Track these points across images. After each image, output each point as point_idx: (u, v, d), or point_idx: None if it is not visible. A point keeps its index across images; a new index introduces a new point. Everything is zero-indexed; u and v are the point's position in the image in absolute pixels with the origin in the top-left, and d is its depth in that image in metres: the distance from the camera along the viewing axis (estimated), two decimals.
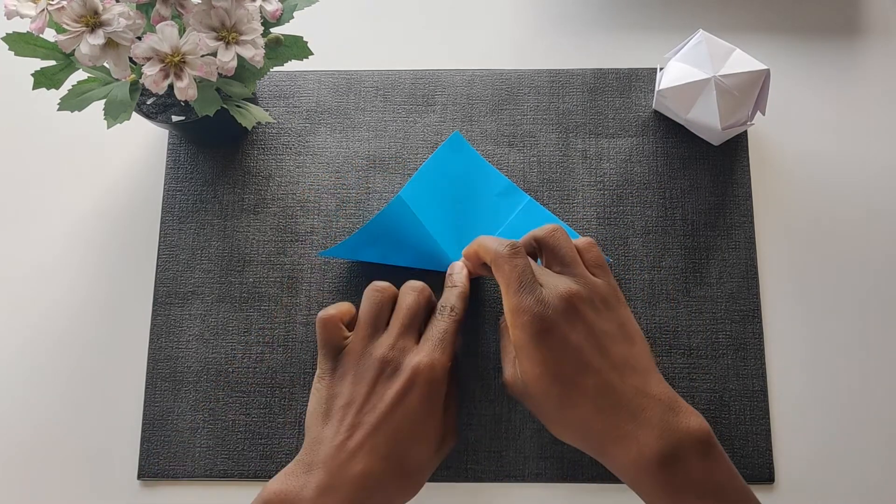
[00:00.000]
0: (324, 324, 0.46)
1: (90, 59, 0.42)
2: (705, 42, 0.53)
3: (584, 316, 0.43)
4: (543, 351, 0.43)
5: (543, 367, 0.43)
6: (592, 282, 0.45)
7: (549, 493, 0.51)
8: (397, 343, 0.45)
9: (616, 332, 0.45)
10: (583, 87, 0.58)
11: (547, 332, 0.43)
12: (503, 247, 0.45)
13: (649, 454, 0.41)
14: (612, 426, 0.43)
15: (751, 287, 0.54)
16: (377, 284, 0.47)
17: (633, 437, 0.42)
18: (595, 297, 0.45)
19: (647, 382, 0.44)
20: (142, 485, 0.52)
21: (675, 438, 0.42)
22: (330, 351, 0.46)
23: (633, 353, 0.44)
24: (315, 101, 0.58)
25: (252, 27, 0.44)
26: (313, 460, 0.43)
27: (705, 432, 0.42)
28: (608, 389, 0.43)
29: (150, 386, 0.53)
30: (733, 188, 0.56)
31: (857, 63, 0.59)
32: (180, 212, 0.56)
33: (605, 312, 0.45)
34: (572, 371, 0.43)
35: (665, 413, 0.42)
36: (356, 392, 0.44)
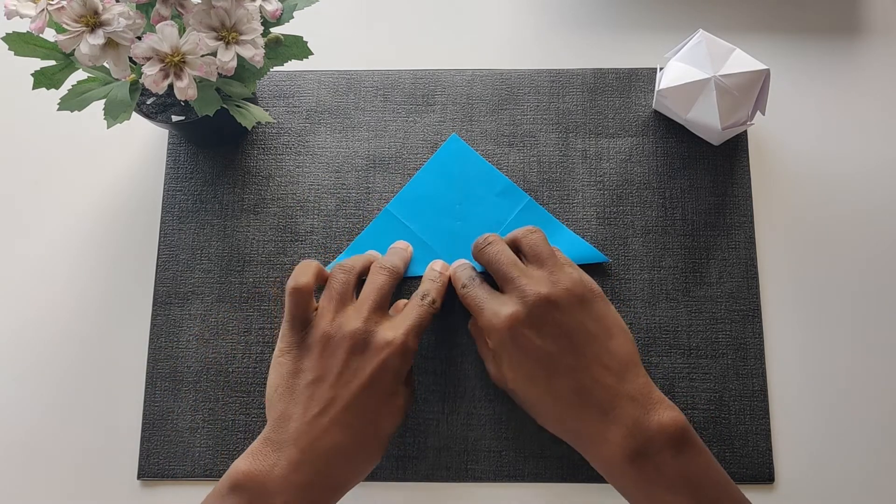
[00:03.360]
0: (296, 294, 0.46)
1: (90, 59, 0.42)
2: (705, 42, 0.53)
3: (553, 319, 0.45)
4: (514, 357, 0.45)
5: (517, 371, 0.46)
6: (566, 278, 0.46)
7: (549, 493, 0.51)
8: (369, 319, 0.46)
9: (592, 328, 0.45)
10: (583, 87, 0.58)
11: (515, 338, 0.45)
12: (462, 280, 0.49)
13: (620, 452, 0.43)
14: (584, 425, 0.44)
15: (751, 287, 0.54)
16: (345, 263, 0.49)
17: (603, 435, 0.43)
18: (569, 296, 0.45)
19: (621, 379, 0.44)
20: (142, 485, 0.52)
21: (646, 435, 0.42)
22: (298, 324, 0.46)
23: (608, 349, 0.45)
24: (315, 101, 0.58)
25: (252, 27, 0.44)
26: (282, 437, 0.43)
27: (679, 427, 0.43)
28: (578, 390, 0.44)
29: (150, 386, 0.53)
30: (733, 188, 0.56)
31: (857, 63, 0.59)
32: (180, 212, 0.56)
33: (580, 310, 0.46)
34: (544, 374, 0.45)
35: (636, 410, 0.43)
36: (327, 367, 0.44)
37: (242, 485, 0.41)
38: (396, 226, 0.55)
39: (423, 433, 0.52)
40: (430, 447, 0.52)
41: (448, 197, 0.55)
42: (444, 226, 0.55)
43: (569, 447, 0.51)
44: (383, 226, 0.55)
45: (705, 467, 0.43)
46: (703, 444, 0.44)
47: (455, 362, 0.53)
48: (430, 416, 0.52)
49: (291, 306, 0.46)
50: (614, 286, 0.54)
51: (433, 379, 0.53)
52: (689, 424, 0.43)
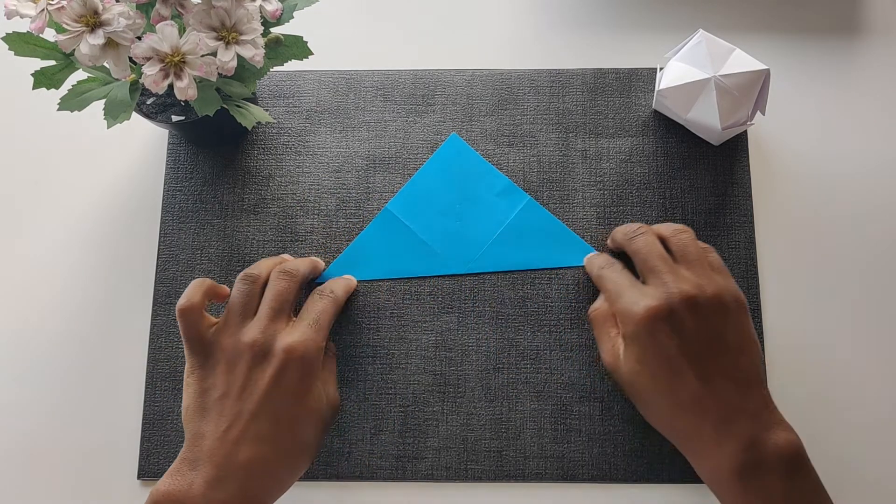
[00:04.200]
0: (186, 315, 0.45)
1: (90, 59, 0.42)
2: (705, 42, 0.52)
3: (694, 319, 0.44)
4: (646, 349, 0.45)
5: (642, 365, 0.45)
6: (713, 283, 0.45)
7: (549, 493, 0.51)
8: (267, 327, 0.45)
9: (729, 339, 0.45)
10: (583, 87, 0.58)
11: (652, 331, 0.44)
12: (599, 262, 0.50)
13: (730, 465, 0.42)
14: (698, 432, 0.43)
15: (751, 287, 0.54)
16: (247, 273, 0.48)
17: (716, 446, 0.43)
18: (714, 302, 0.45)
19: (744, 396, 0.44)
20: (142, 485, 0.52)
21: (759, 453, 0.42)
22: (195, 343, 0.45)
23: (738, 363, 0.44)
24: (315, 101, 0.58)
25: (252, 27, 0.44)
26: (198, 456, 0.42)
27: (794, 450, 0.42)
28: (700, 397, 0.43)
29: (150, 386, 0.53)
30: (733, 188, 0.56)
31: (857, 63, 0.59)
32: (180, 212, 0.56)
33: (721, 318, 0.45)
34: (669, 373, 0.44)
35: (754, 426, 0.43)
36: (231, 381, 0.44)
37: None
38: (396, 225, 0.55)
39: (423, 433, 0.52)
40: (430, 447, 0.52)
41: (448, 196, 0.55)
42: (443, 225, 0.55)
43: (569, 447, 0.51)
44: (383, 225, 0.55)
45: (813, 495, 0.42)
46: (814, 470, 0.43)
47: (455, 362, 0.53)
48: (430, 416, 0.52)
49: (182, 327, 0.45)
50: None
51: (433, 379, 0.53)
52: (803, 448, 0.43)
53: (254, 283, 0.47)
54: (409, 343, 0.53)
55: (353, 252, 0.55)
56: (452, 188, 0.56)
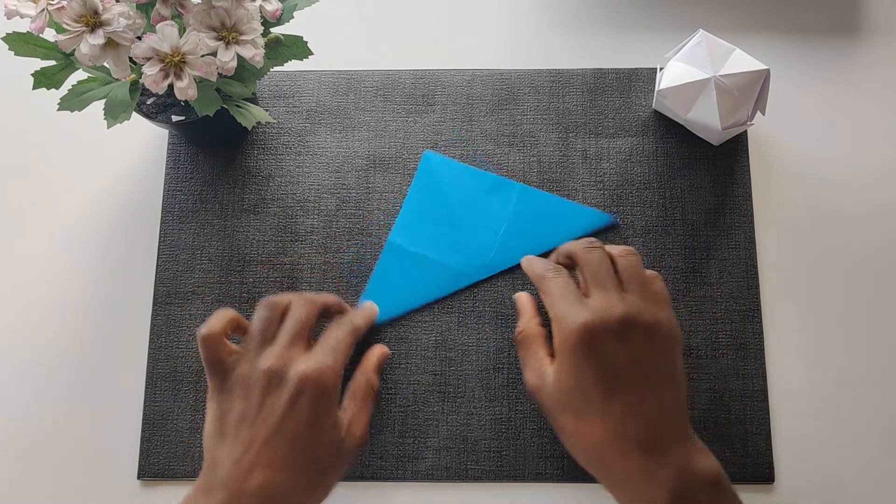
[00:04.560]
0: (206, 342, 0.45)
1: (90, 59, 0.42)
2: (705, 42, 0.53)
3: (631, 341, 0.44)
4: (581, 366, 0.43)
5: (576, 379, 0.43)
6: (653, 311, 0.45)
7: (549, 493, 0.51)
8: (284, 354, 0.45)
9: (662, 368, 0.44)
10: (583, 87, 0.58)
11: (589, 347, 0.43)
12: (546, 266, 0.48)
13: (660, 494, 0.41)
14: (625, 458, 0.42)
15: (751, 287, 0.54)
16: (269, 300, 0.47)
17: (648, 474, 0.42)
18: (653, 328, 0.44)
19: (672, 423, 0.43)
20: (142, 485, 0.52)
21: (689, 480, 0.42)
22: (216, 369, 0.45)
23: (671, 394, 0.44)
24: (315, 101, 0.58)
25: (252, 27, 0.44)
26: (212, 484, 0.42)
27: (718, 474, 0.43)
28: (631, 419, 0.43)
29: (150, 386, 0.53)
30: (733, 188, 0.56)
31: (857, 63, 0.59)
32: (180, 212, 0.56)
33: (657, 346, 0.44)
34: (602, 391, 0.43)
35: (684, 455, 0.43)
36: (247, 407, 0.44)
37: None
38: (404, 255, 0.54)
39: (423, 433, 0.52)
40: (430, 447, 0.52)
41: (443, 210, 0.55)
42: (448, 237, 0.54)
43: None
44: (392, 258, 0.54)
45: None
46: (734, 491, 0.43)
47: (455, 362, 0.53)
48: (430, 416, 0.52)
49: (203, 353, 0.46)
50: None
51: (433, 379, 0.53)
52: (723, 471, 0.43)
53: (273, 309, 0.47)
54: (410, 343, 0.53)
55: (371, 293, 0.54)
56: (445, 200, 0.55)
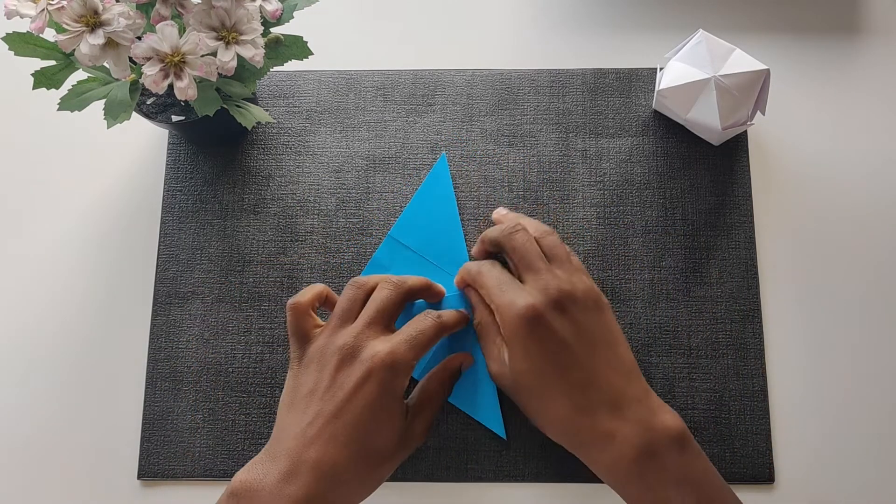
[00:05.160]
0: (293, 311, 0.47)
1: (90, 59, 0.42)
2: (705, 42, 0.53)
3: (571, 314, 0.46)
4: (530, 345, 0.45)
5: (530, 361, 0.45)
6: (583, 282, 0.47)
7: (549, 493, 0.51)
8: (361, 332, 0.46)
9: (604, 333, 0.46)
10: (583, 87, 0.58)
11: (535, 326, 0.45)
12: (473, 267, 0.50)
13: (628, 451, 0.43)
14: (591, 424, 0.44)
15: (751, 287, 0.54)
16: (356, 280, 0.49)
17: (611, 435, 0.44)
18: (586, 298, 0.47)
19: (628, 383, 0.45)
20: (142, 485, 0.52)
21: (652, 435, 0.43)
22: (299, 339, 0.47)
23: (617, 354, 0.46)
24: (315, 101, 0.58)
25: (252, 27, 0.44)
26: (277, 449, 0.44)
27: (681, 430, 0.44)
28: (589, 387, 0.45)
29: (150, 386, 0.53)
30: (733, 188, 0.56)
31: (857, 63, 0.59)
32: (180, 212, 0.56)
33: (594, 313, 0.47)
34: (557, 367, 0.45)
35: (643, 412, 0.44)
36: (318, 380, 0.45)
37: (238, 493, 0.42)
38: (400, 251, 0.54)
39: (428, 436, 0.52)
40: (430, 447, 0.52)
41: (445, 215, 0.55)
42: (446, 243, 0.54)
43: None
44: (388, 252, 0.54)
45: (705, 468, 0.44)
46: (699, 447, 0.45)
47: None
48: None
49: (289, 322, 0.47)
50: (614, 286, 0.54)
51: None
52: (686, 426, 0.45)
53: (359, 289, 0.48)
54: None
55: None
56: (450, 206, 0.55)
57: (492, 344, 0.48)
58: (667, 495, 0.43)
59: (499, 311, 0.47)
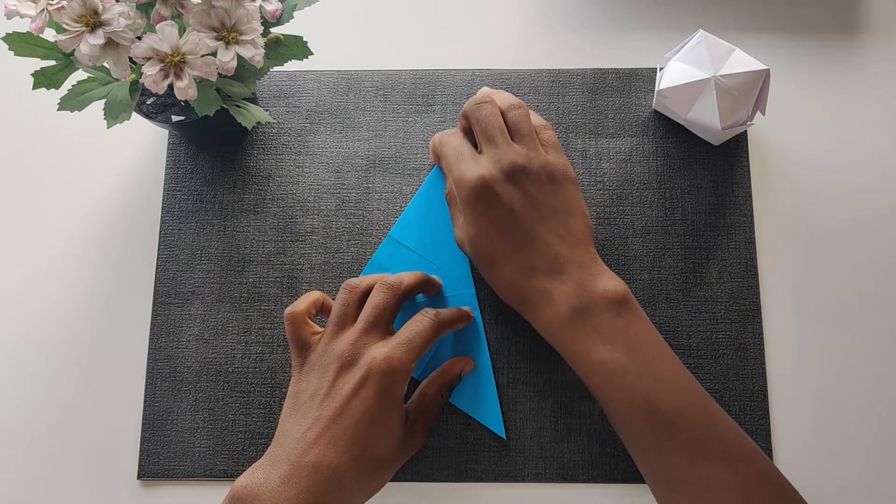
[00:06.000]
0: (290, 320, 0.48)
1: (90, 59, 0.42)
2: (705, 42, 0.53)
3: (522, 185, 0.47)
4: (479, 214, 0.47)
5: (478, 228, 0.48)
6: (541, 157, 0.48)
7: (549, 493, 0.51)
8: (359, 339, 0.46)
9: (556, 204, 0.48)
10: (583, 87, 0.58)
11: (484, 197, 0.47)
12: (437, 135, 0.52)
13: (562, 309, 0.45)
14: (532, 285, 0.47)
15: (751, 287, 0.54)
16: (349, 283, 0.49)
17: (548, 295, 0.46)
18: (541, 172, 0.48)
19: (572, 249, 0.47)
20: (142, 485, 0.52)
21: (588, 297, 0.45)
22: (299, 347, 0.48)
23: (567, 224, 0.48)
24: (315, 101, 0.58)
25: (252, 27, 0.44)
26: (278, 454, 0.44)
27: (620, 293, 0.46)
28: (532, 251, 0.47)
29: (150, 386, 0.53)
30: (733, 188, 0.56)
31: (857, 63, 0.59)
32: (180, 212, 0.56)
33: (549, 186, 0.48)
34: (503, 232, 0.47)
35: (582, 275, 0.46)
36: (319, 386, 0.46)
37: (240, 497, 0.43)
38: (400, 251, 0.54)
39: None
40: (430, 447, 0.52)
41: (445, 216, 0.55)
42: (446, 244, 0.54)
43: (569, 447, 0.51)
44: (388, 252, 0.54)
45: (642, 329, 0.45)
46: (643, 313, 0.46)
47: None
48: None
49: (287, 331, 0.48)
50: None
51: None
52: (630, 293, 0.46)
53: (351, 292, 0.48)
54: None
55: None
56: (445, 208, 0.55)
57: (456, 211, 0.51)
58: (598, 353, 0.44)
59: (455, 182, 0.48)
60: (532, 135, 0.49)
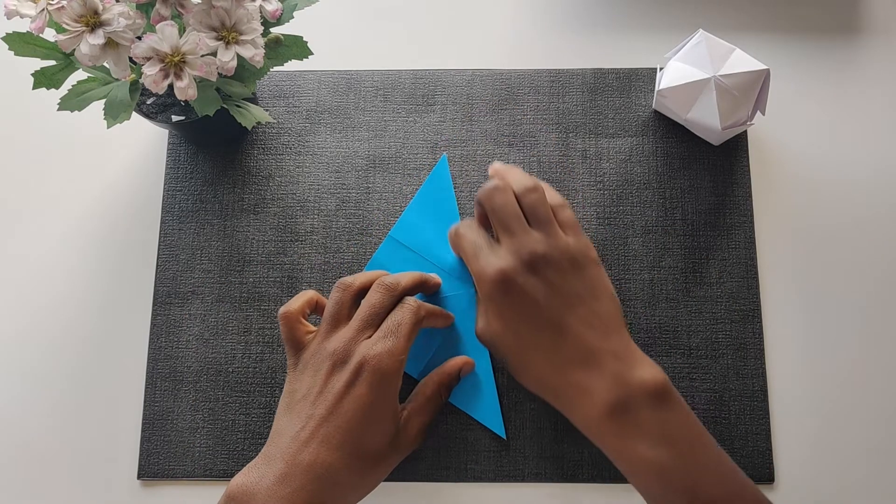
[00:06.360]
0: (284, 319, 0.48)
1: (90, 58, 0.42)
2: (705, 42, 0.53)
3: (544, 275, 0.46)
4: (503, 308, 0.46)
5: (503, 322, 0.46)
6: (561, 242, 0.47)
7: (549, 493, 0.51)
8: (353, 337, 0.46)
9: (581, 290, 0.46)
10: (583, 87, 0.58)
11: (506, 291, 0.46)
12: (454, 227, 0.50)
13: (600, 405, 0.43)
14: (566, 380, 0.45)
15: (751, 287, 0.54)
16: (342, 281, 0.49)
17: (585, 390, 0.44)
18: (562, 258, 0.46)
19: (605, 337, 0.45)
20: (142, 485, 0.52)
21: (626, 390, 0.43)
22: (293, 346, 0.48)
23: (595, 310, 0.46)
24: (315, 101, 0.58)
25: (252, 27, 0.44)
26: (273, 453, 0.44)
27: (659, 383, 0.44)
28: (562, 344, 0.45)
29: (150, 386, 0.53)
30: (733, 188, 0.56)
31: (857, 63, 0.59)
32: (180, 212, 0.56)
33: (572, 272, 0.47)
34: (530, 326, 0.45)
35: (618, 365, 0.44)
36: (312, 385, 0.46)
37: (235, 497, 0.43)
38: (400, 251, 0.54)
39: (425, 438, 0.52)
40: (430, 447, 0.52)
41: (445, 216, 0.55)
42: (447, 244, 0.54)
43: (569, 447, 0.51)
44: (388, 252, 0.54)
45: (682, 420, 0.44)
46: (682, 399, 0.45)
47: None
48: None
49: (282, 330, 0.48)
50: (614, 286, 0.54)
51: None
52: (669, 381, 0.44)
53: (345, 291, 0.48)
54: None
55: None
56: (450, 207, 0.55)
57: (479, 304, 0.49)
58: (640, 450, 0.42)
59: (475, 277, 0.47)
60: (550, 219, 0.47)
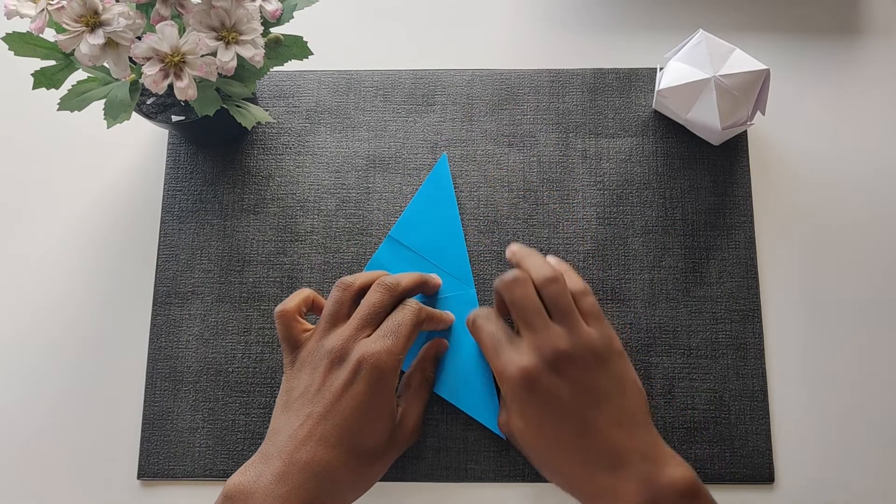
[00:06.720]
0: (280, 318, 0.48)
1: (90, 59, 0.42)
2: (705, 42, 0.53)
3: (568, 373, 0.44)
4: (526, 407, 0.45)
5: (526, 421, 0.45)
6: (585, 336, 0.45)
7: (549, 493, 0.51)
8: (350, 337, 0.46)
9: (607, 386, 0.45)
10: (583, 87, 0.58)
11: (529, 390, 0.44)
12: (472, 315, 0.48)
13: None
14: (594, 482, 0.43)
15: (751, 287, 0.54)
16: (342, 281, 0.49)
17: (613, 493, 0.43)
18: (586, 353, 0.45)
19: (631, 436, 0.44)
20: (142, 485, 0.52)
21: (655, 493, 0.42)
22: (290, 345, 0.48)
23: (622, 406, 0.45)
24: (315, 101, 0.58)
25: (252, 27, 0.44)
26: (271, 451, 0.44)
27: (689, 483, 0.42)
28: (589, 444, 0.44)
29: (150, 386, 0.53)
30: (733, 188, 0.56)
31: (857, 63, 0.59)
32: (180, 212, 0.56)
33: (596, 368, 0.45)
34: (554, 428, 0.44)
35: (647, 466, 0.43)
36: (310, 383, 0.46)
37: (233, 495, 0.43)
38: (400, 251, 0.54)
39: (423, 433, 0.52)
40: (430, 447, 0.52)
41: (445, 216, 0.55)
42: (445, 244, 0.54)
43: None
44: (388, 252, 0.54)
45: None
46: (709, 494, 0.43)
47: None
48: (430, 416, 0.52)
49: (278, 329, 0.48)
50: (614, 286, 0.54)
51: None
52: (698, 478, 0.43)
53: (345, 290, 0.48)
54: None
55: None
56: (449, 207, 0.55)
57: (500, 398, 0.49)
58: None
59: (495, 372, 0.46)
60: (572, 312, 0.46)
